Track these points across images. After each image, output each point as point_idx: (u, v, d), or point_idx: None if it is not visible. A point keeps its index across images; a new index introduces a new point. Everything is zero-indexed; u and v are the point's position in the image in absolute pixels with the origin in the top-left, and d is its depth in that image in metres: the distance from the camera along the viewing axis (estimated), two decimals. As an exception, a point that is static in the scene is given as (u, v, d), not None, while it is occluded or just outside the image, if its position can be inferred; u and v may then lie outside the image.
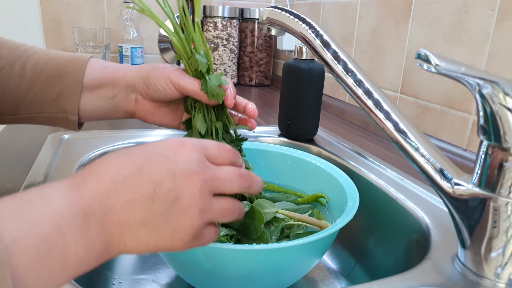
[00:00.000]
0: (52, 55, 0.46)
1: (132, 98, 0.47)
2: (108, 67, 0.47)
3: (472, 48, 0.60)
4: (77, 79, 0.44)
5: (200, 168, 0.29)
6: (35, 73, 0.44)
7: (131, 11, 1.23)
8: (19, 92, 0.44)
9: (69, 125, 0.46)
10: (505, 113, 0.31)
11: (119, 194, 0.26)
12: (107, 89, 0.46)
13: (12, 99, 0.44)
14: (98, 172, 0.26)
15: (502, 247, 0.33)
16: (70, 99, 0.45)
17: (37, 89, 0.44)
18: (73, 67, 0.45)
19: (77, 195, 0.24)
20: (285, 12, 0.42)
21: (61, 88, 0.44)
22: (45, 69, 0.44)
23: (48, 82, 0.44)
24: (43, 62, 0.45)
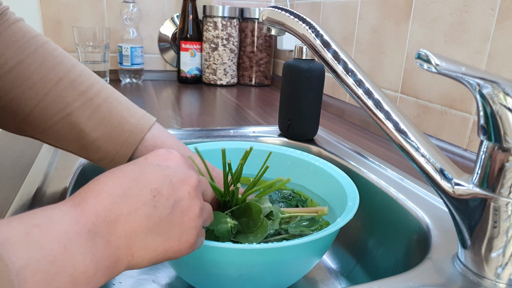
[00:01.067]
0: (113, 115, 0.42)
1: None
2: (166, 142, 0.45)
3: (472, 48, 0.60)
4: (125, 151, 0.43)
5: (191, 171, 0.32)
6: (88, 128, 0.41)
7: (131, 11, 1.23)
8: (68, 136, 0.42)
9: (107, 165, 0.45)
10: (505, 113, 0.31)
11: (121, 207, 0.26)
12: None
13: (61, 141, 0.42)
14: (96, 191, 0.27)
15: (502, 247, 0.33)
16: (113, 163, 0.43)
17: (86, 144, 0.42)
18: (126, 139, 0.42)
19: (80, 214, 0.25)
20: (285, 12, 0.42)
21: (106, 151, 0.43)
22: (100, 131, 0.42)
23: (97, 145, 0.42)
24: (98, 121, 0.42)
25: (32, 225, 0.22)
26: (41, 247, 0.21)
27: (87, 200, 0.26)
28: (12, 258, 0.20)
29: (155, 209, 0.28)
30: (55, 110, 0.40)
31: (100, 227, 0.25)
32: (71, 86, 0.41)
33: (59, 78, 0.41)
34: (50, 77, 0.40)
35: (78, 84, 0.42)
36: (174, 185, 0.29)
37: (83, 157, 0.44)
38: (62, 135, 0.42)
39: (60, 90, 0.40)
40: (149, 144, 0.44)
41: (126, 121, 0.43)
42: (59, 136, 0.42)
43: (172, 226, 0.29)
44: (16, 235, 0.21)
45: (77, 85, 0.41)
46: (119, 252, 0.26)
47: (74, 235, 0.23)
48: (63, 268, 0.22)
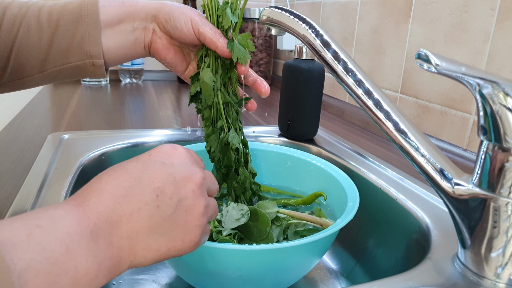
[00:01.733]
0: (63, 3, 0.45)
1: (150, 28, 0.47)
2: (125, 2, 0.47)
3: (472, 48, 0.60)
4: (94, 20, 0.44)
5: (196, 168, 0.31)
6: (52, 24, 0.44)
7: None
8: (42, 46, 0.44)
9: (96, 70, 0.46)
10: (505, 113, 0.31)
11: (123, 207, 0.26)
12: (126, 23, 0.46)
13: (37, 55, 0.44)
14: (98, 190, 0.26)
15: (502, 247, 0.33)
16: (93, 42, 0.44)
17: (58, 39, 0.44)
18: (87, 9, 0.44)
19: (82, 214, 0.24)
20: (285, 12, 0.42)
21: (82, 32, 0.44)
22: (60, 17, 0.44)
23: (67, 30, 0.44)
24: (57, 12, 0.44)
25: (34, 226, 0.22)
26: (43, 249, 0.21)
27: (89, 200, 0.25)
28: (14, 260, 0.20)
29: (158, 209, 0.27)
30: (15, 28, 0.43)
31: (102, 228, 0.25)
32: (9, 6, 0.44)
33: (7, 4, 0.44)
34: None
35: (26, 2, 0.45)
36: (178, 183, 0.29)
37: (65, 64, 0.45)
38: (34, 45, 0.43)
39: (12, 8, 0.43)
40: (107, 3, 0.46)
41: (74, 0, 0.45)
42: (31, 49, 0.43)
43: (175, 226, 0.28)
44: (18, 236, 0.21)
45: (26, 3, 0.45)
46: (121, 252, 0.26)
47: (76, 236, 0.23)
48: (65, 270, 0.22)
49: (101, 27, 0.45)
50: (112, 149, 0.62)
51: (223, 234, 0.41)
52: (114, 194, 0.26)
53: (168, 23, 0.46)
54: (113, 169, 0.28)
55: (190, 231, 0.29)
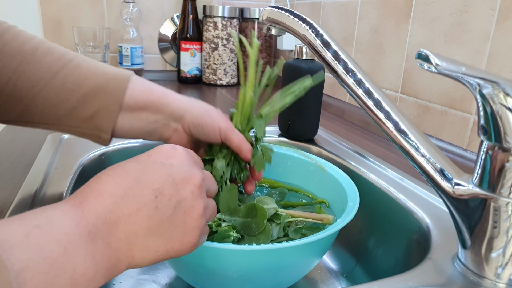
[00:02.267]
0: (94, 69, 0.43)
1: (172, 127, 0.46)
2: (153, 90, 0.45)
3: (472, 48, 0.60)
4: (116, 99, 0.42)
5: (196, 169, 0.31)
6: (75, 87, 0.42)
7: (131, 11, 1.23)
8: (57, 106, 0.42)
9: (101, 141, 0.45)
10: (505, 113, 0.31)
11: (122, 208, 0.26)
12: (149, 113, 0.45)
13: (50, 111, 0.42)
14: (97, 190, 0.26)
15: (502, 247, 0.33)
16: (107, 118, 0.43)
17: (74, 104, 0.42)
18: (113, 86, 0.42)
19: (80, 215, 0.24)
20: (285, 12, 0.42)
21: (99, 106, 0.42)
22: (86, 85, 0.42)
23: (86, 99, 0.42)
24: (84, 77, 0.42)
25: (32, 226, 0.22)
26: (41, 249, 0.21)
27: (87, 200, 0.25)
28: (11, 260, 0.20)
29: (156, 210, 0.27)
30: (37, 77, 0.41)
31: (101, 229, 0.25)
32: (48, 53, 0.42)
33: (36, 48, 0.42)
34: (27, 48, 0.41)
35: (54, 51, 0.43)
36: (177, 185, 0.28)
37: (72, 126, 0.43)
38: (50, 103, 0.41)
39: (39, 58, 0.41)
40: (137, 83, 0.44)
41: (109, 71, 0.43)
42: (47, 105, 0.41)
43: (174, 227, 0.28)
44: (16, 236, 0.21)
45: (53, 51, 0.42)
46: (119, 253, 0.26)
47: (74, 237, 0.23)
48: (63, 270, 0.22)
49: (122, 108, 0.43)
50: (112, 149, 0.62)
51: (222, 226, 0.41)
52: (113, 194, 0.26)
53: (195, 128, 0.45)
54: (112, 169, 0.28)
55: (189, 232, 0.29)
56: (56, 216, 0.23)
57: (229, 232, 0.40)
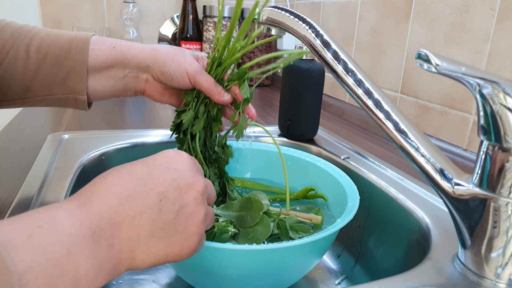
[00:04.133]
0: (55, 36, 0.45)
1: (143, 78, 0.47)
2: (116, 46, 0.45)
3: (472, 48, 0.60)
4: (81, 58, 0.44)
5: (199, 175, 0.31)
6: (40, 56, 0.43)
7: (131, 11, 1.23)
8: (26, 76, 0.43)
9: (78, 105, 0.46)
10: (505, 113, 0.31)
11: (127, 209, 0.26)
12: (117, 69, 0.46)
13: (20, 83, 0.44)
14: (102, 190, 0.26)
15: (502, 247, 0.33)
16: (78, 79, 0.44)
17: (44, 72, 0.43)
18: (76, 47, 0.44)
19: (84, 215, 0.24)
20: (285, 12, 0.42)
21: (68, 68, 0.44)
22: (49, 50, 0.43)
23: (54, 64, 0.43)
24: (47, 44, 0.44)
25: (35, 226, 0.22)
26: (44, 250, 0.21)
27: (92, 200, 0.25)
28: (14, 261, 0.20)
29: (160, 213, 0.27)
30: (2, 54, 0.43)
31: (105, 230, 0.25)
32: (8, 28, 0.44)
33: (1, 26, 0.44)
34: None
35: (13, 25, 0.44)
36: (181, 190, 0.29)
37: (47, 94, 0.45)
38: (20, 74, 0.43)
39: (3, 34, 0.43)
40: (98, 43, 0.45)
41: (68, 34, 0.45)
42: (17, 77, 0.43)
43: (175, 231, 0.28)
44: (19, 237, 0.21)
45: (13, 26, 0.44)
46: (121, 255, 0.26)
47: (78, 238, 0.23)
48: (66, 271, 0.22)
49: (89, 70, 0.44)
50: (112, 149, 0.62)
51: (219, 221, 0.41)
52: (118, 195, 0.26)
53: (164, 75, 0.45)
54: (117, 170, 0.28)
55: (189, 237, 0.29)
56: (60, 216, 0.23)
57: (227, 228, 0.40)
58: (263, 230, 0.41)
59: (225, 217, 0.43)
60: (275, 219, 0.44)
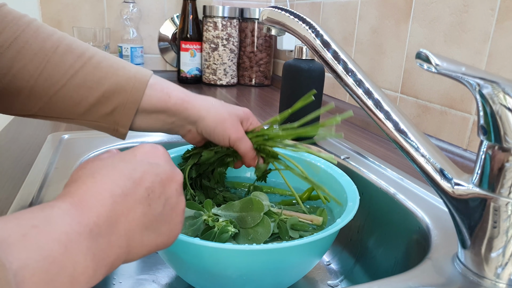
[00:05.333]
0: (114, 68, 0.44)
1: (187, 128, 0.48)
2: (171, 96, 0.46)
3: (472, 48, 0.60)
4: (134, 99, 0.44)
5: (176, 168, 0.33)
6: (95, 85, 0.43)
7: (131, 11, 1.23)
8: (76, 100, 0.43)
9: (117, 135, 0.46)
10: (505, 113, 0.31)
11: (121, 206, 0.27)
12: (166, 116, 0.47)
13: (70, 108, 0.43)
14: (95, 188, 0.26)
15: (502, 247, 0.33)
16: (125, 115, 0.44)
17: (94, 102, 0.43)
18: (133, 87, 0.44)
19: (80, 214, 0.24)
20: (285, 12, 0.42)
21: (118, 104, 0.44)
22: (106, 83, 0.43)
23: (106, 97, 0.43)
24: (104, 75, 0.43)
25: (30, 226, 0.22)
26: (40, 248, 0.21)
27: (87, 199, 0.25)
28: (9, 259, 0.20)
29: (149, 207, 0.28)
30: (59, 75, 0.42)
31: (102, 227, 0.25)
32: (68, 51, 0.43)
33: (56, 46, 0.42)
34: (48, 46, 0.42)
35: (75, 48, 0.43)
36: (164, 183, 0.30)
37: (92, 120, 0.44)
38: (70, 100, 0.43)
39: (60, 56, 0.42)
40: (155, 88, 0.45)
41: (129, 71, 0.45)
42: (67, 102, 0.43)
43: (163, 222, 0.30)
44: (13, 236, 0.21)
45: (74, 49, 0.43)
46: (119, 250, 0.26)
47: (75, 235, 0.23)
48: (63, 268, 0.22)
49: (138, 111, 0.45)
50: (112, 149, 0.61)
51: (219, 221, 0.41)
52: (112, 193, 0.27)
53: (207, 134, 0.47)
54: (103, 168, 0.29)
55: (175, 226, 0.31)
56: (55, 215, 0.23)
57: (227, 227, 0.40)
58: (264, 231, 0.41)
59: (225, 217, 0.43)
60: (276, 219, 0.44)
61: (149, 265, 0.53)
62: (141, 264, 0.53)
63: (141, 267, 0.53)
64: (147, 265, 0.53)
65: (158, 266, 0.53)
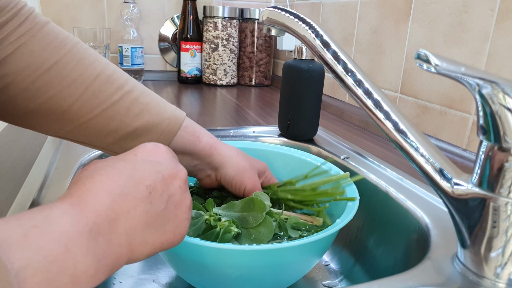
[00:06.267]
0: (150, 106, 0.44)
1: (207, 172, 0.49)
2: (202, 140, 0.47)
3: (472, 48, 0.60)
4: (166, 138, 0.44)
5: (180, 165, 0.33)
6: (128, 120, 0.42)
7: (131, 11, 1.23)
8: (106, 131, 0.42)
9: None
10: (504, 113, 0.31)
11: (121, 205, 0.27)
12: (190, 158, 0.47)
13: (97, 135, 0.43)
14: (94, 189, 0.27)
15: (502, 247, 0.33)
16: None
17: (123, 136, 0.43)
18: (165, 129, 0.44)
19: (79, 213, 0.24)
20: (285, 12, 0.42)
21: (149, 140, 0.43)
22: (139, 120, 0.43)
23: (136, 134, 0.43)
24: (139, 112, 0.43)
25: (30, 226, 0.22)
26: (40, 248, 0.21)
27: (86, 199, 0.26)
28: (11, 259, 0.20)
29: (151, 205, 0.28)
30: (94, 104, 0.41)
31: (102, 227, 0.25)
32: (108, 81, 0.42)
33: (97, 74, 0.41)
34: (88, 73, 0.41)
35: (115, 79, 0.43)
36: (166, 180, 0.30)
37: (117, 152, 0.44)
38: (100, 129, 0.42)
39: (99, 85, 0.41)
40: (188, 131, 0.46)
41: (164, 111, 0.45)
42: (97, 131, 0.42)
43: (167, 220, 0.29)
44: (14, 236, 0.21)
45: (114, 79, 0.42)
46: (120, 249, 0.26)
47: (75, 235, 0.23)
48: (64, 268, 0.22)
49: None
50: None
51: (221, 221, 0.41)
52: (111, 192, 0.27)
53: (224, 182, 0.49)
54: (102, 169, 0.29)
55: (180, 224, 0.31)
56: (54, 215, 0.23)
57: (230, 227, 0.40)
58: (266, 230, 0.41)
59: (227, 217, 0.43)
60: (277, 219, 0.44)
61: (150, 265, 0.53)
62: (142, 264, 0.53)
63: (141, 266, 0.53)
64: (148, 265, 0.53)
65: (158, 265, 0.53)
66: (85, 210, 0.25)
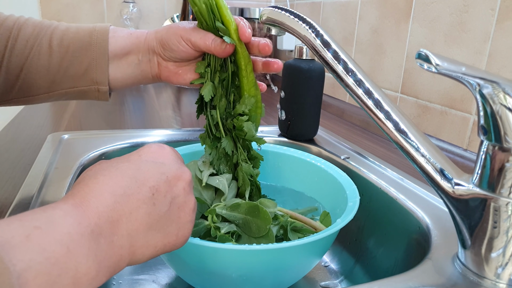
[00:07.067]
0: (74, 29, 0.46)
1: (154, 61, 0.48)
2: (132, 33, 0.47)
3: (472, 48, 0.60)
4: (102, 49, 0.45)
5: (184, 167, 0.32)
6: (62, 49, 0.44)
7: (131, 11, 1.23)
8: (50, 70, 0.45)
9: (100, 96, 0.47)
10: (505, 113, 0.31)
11: (123, 206, 0.26)
12: (133, 55, 0.47)
13: (45, 77, 0.45)
14: (96, 190, 0.26)
15: (502, 247, 0.33)
16: (99, 70, 0.45)
17: (66, 64, 0.45)
18: (97, 38, 0.45)
19: (82, 215, 0.24)
20: (285, 12, 0.42)
21: (89, 60, 0.45)
22: (71, 44, 0.45)
23: (76, 56, 0.45)
24: (68, 38, 0.45)
25: (32, 227, 0.22)
26: (43, 249, 0.21)
27: (88, 200, 0.25)
28: (13, 261, 0.20)
29: (154, 207, 0.28)
30: (27, 48, 0.44)
31: (103, 228, 0.25)
32: (32, 27, 0.45)
33: (21, 24, 0.45)
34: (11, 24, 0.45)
35: (39, 23, 0.46)
36: (170, 182, 0.30)
37: (70, 87, 0.46)
38: (42, 67, 0.44)
39: (24, 32, 0.45)
40: (117, 31, 0.47)
41: (87, 27, 0.47)
42: (39, 69, 0.44)
43: (170, 222, 0.29)
44: (16, 237, 0.21)
45: (38, 24, 0.46)
46: (121, 251, 0.26)
47: (76, 236, 0.23)
48: (65, 270, 0.22)
49: (109, 57, 0.46)
50: (112, 149, 0.62)
51: (221, 231, 0.41)
52: (114, 193, 0.26)
53: (165, 49, 0.46)
54: (106, 169, 0.28)
55: (183, 226, 0.30)
56: (56, 216, 0.23)
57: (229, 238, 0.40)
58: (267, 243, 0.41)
59: (230, 218, 0.42)
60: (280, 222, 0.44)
61: (149, 265, 0.53)
62: (141, 264, 0.53)
63: (141, 267, 0.53)
64: (147, 265, 0.53)
65: (158, 266, 0.53)
66: (87, 211, 0.25)
